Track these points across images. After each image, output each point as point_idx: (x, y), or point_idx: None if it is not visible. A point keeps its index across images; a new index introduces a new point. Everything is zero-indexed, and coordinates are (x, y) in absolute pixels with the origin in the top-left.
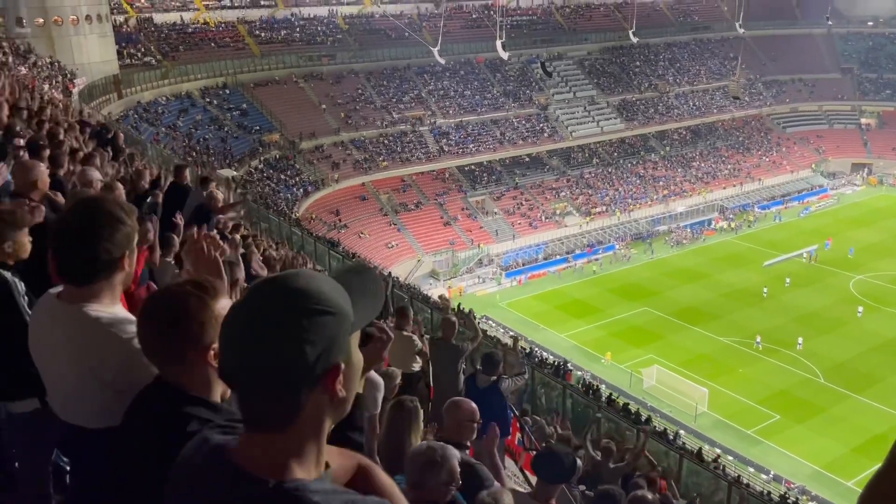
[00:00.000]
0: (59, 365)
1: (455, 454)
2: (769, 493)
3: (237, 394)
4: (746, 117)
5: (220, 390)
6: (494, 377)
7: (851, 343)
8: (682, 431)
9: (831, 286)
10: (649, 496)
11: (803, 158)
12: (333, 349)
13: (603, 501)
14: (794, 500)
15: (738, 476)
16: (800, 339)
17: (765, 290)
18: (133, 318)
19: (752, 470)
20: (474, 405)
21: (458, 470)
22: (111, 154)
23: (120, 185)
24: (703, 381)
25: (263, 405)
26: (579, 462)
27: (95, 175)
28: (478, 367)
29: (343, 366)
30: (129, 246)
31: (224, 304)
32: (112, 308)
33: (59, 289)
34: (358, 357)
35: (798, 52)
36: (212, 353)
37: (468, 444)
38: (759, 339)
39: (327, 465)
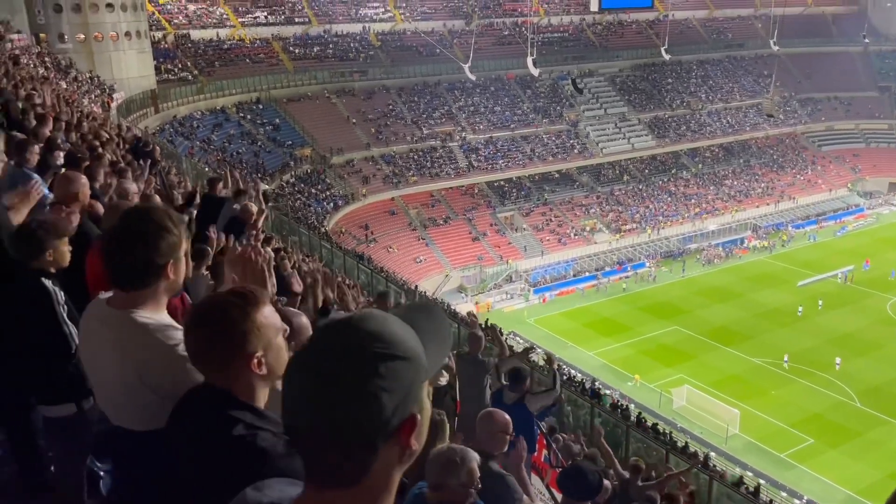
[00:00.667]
0: (107, 368)
1: (475, 457)
2: None
3: (302, 448)
4: (781, 135)
5: (264, 397)
6: (521, 393)
7: (888, 366)
8: (712, 453)
9: (867, 308)
10: None
11: (839, 177)
12: (409, 399)
13: None
14: None
15: (771, 501)
16: (838, 360)
17: (799, 308)
18: (178, 325)
19: (784, 494)
20: (508, 417)
21: (478, 473)
22: (147, 167)
23: (157, 198)
24: (734, 403)
25: (331, 460)
26: (606, 481)
27: (132, 187)
28: (504, 382)
29: (419, 416)
30: (174, 255)
31: (266, 312)
32: (158, 315)
33: (109, 294)
34: (428, 405)
35: (834, 69)
36: (255, 361)
37: (497, 455)
38: (786, 359)
39: None
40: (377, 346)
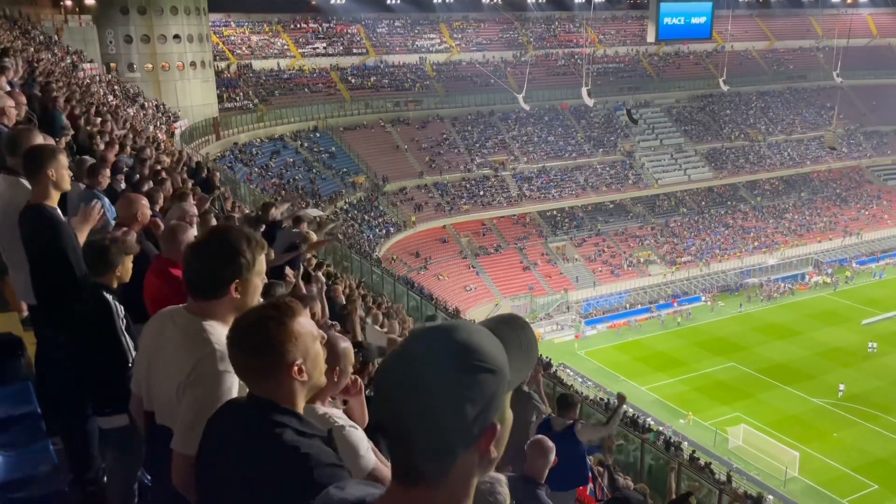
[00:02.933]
0: (166, 364)
1: (501, 479)
2: None
3: (389, 445)
4: (844, 168)
5: (304, 402)
6: (570, 421)
7: None
8: (770, 497)
9: None
10: None
11: None
12: (492, 408)
13: None
14: None
15: None
16: None
17: (871, 345)
18: None
19: None
20: (552, 444)
21: (508, 500)
22: (205, 192)
23: (214, 221)
24: (793, 444)
25: (416, 461)
26: None
27: (191, 210)
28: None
29: (499, 426)
30: (242, 275)
31: (302, 321)
32: (223, 328)
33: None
34: (510, 415)
35: None
36: (296, 368)
37: (545, 484)
38: (842, 388)
39: None
40: (465, 357)
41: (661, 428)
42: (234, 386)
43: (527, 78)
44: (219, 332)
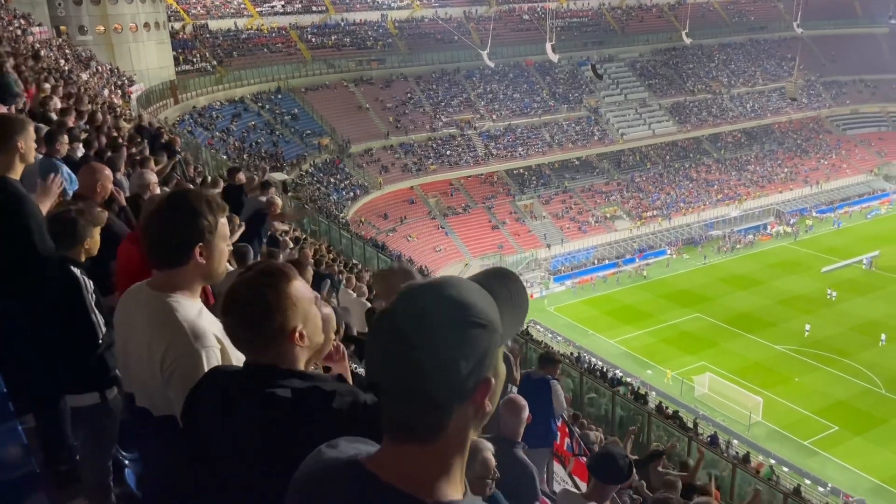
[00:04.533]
0: (139, 346)
1: (487, 447)
2: None
3: (384, 402)
4: (804, 119)
5: (303, 365)
6: (550, 375)
7: None
8: (734, 441)
9: (893, 294)
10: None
11: (864, 161)
12: (485, 363)
13: None
14: None
15: (797, 487)
16: (883, 336)
17: (830, 292)
18: (209, 315)
19: (808, 482)
20: (525, 402)
21: (493, 462)
22: (166, 157)
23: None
24: (757, 390)
25: (412, 417)
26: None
27: (151, 178)
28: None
29: (493, 380)
30: (203, 238)
31: (298, 286)
32: (191, 302)
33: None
34: (503, 369)
35: (859, 51)
36: (297, 334)
37: (521, 442)
38: (808, 328)
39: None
40: (457, 313)
41: (629, 379)
42: (215, 357)
43: (490, 34)
44: (186, 306)
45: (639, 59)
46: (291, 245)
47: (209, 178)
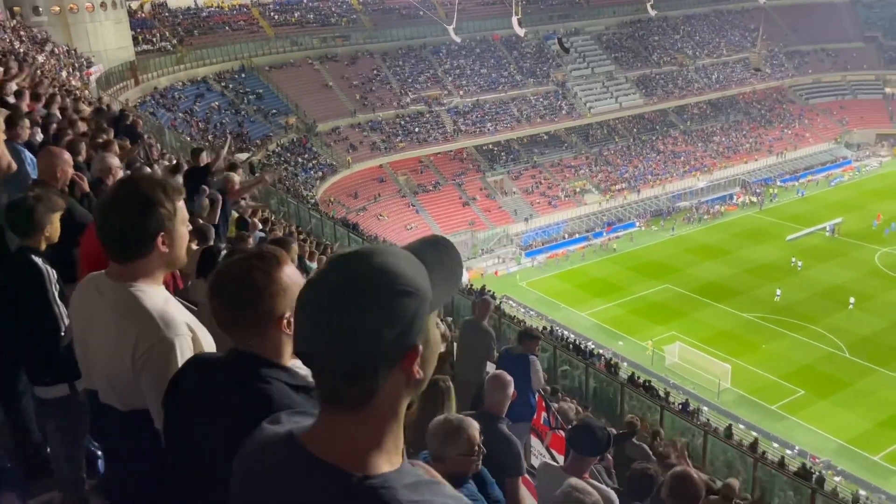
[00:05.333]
0: (101, 340)
1: (473, 424)
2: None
3: (313, 371)
4: (768, 89)
5: (290, 355)
6: (529, 351)
7: (876, 317)
8: (704, 408)
9: (855, 260)
10: (694, 475)
11: (826, 130)
12: (412, 330)
13: (641, 481)
14: (818, 473)
15: (763, 452)
16: (852, 300)
17: (795, 261)
18: (176, 302)
19: (776, 445)
20: (511, 378)
21: (478, 439)
22: (129, 141)
23: (148, 169)
24: (725, 358)
25: (340, 384)
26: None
27: (114, 162)
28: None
29: (421, 347)
30: (164, 226)
31: (289, 272)
32: (154, 290)
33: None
34: (435, 336)
35: (820, 21)
36: (285, 321)
37: (504, 418)
38: (778, 293)
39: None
40: (381, 280)
41: (601, 351)
42: (187, 348)
43: (456, 8)
44: (152, 294)
45: (605, 33)
46: (260, 226)
47: (173, 161)
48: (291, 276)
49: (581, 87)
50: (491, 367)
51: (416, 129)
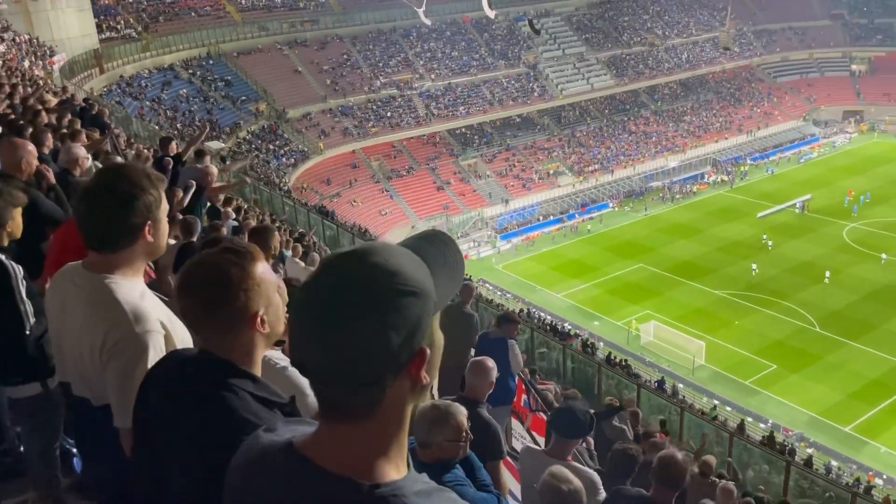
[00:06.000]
0: (76, 332)
1: (460, 410)
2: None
3: (312, 383)
4: (737, 68)
5: (261, 357)
6: (508, 335)
7: (845, 291)
8: (680, 385)
9: (825, 235)
10: (679, 456)
11: (795, 108)
12: (418, 333)
13: (623, 461)
14: (790, 446)
15: (741, 423)
16: (827, 273)
17: (766, 239)
18: (154, 297)
19: (750, 420)
20: (493, 363)
21: (466, 425)
22: (98, 131)
23: (120, 159)
24: (699, 335)
25: (343, 396)
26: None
27: (81, 152)
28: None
29: (428, 351)
30: (151, 215)
31: (262, 268)
32: (133, 283)
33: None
34: (439, 337)
35: None
36: (259, 320)
37: (485, 403)
38: (755, 267)
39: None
40: (384, 282)
41: (577, 331)
42: (159, 344)
43: None
44: (126, 287)
45: (575, 14)
46: (233, 215)
47: (142, 151)
48: (265, 273)
49: (552, 68)
50: (473, 353)
51: (389, 114)
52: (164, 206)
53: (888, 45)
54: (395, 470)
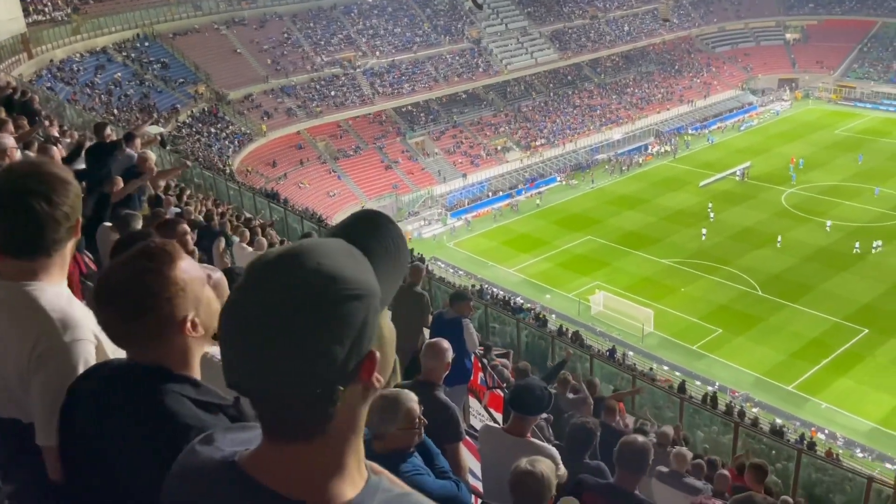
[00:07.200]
0: None
1: (410, 397)
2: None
3: (252, 404)
4: (676, 40)
5: (200, 358)
6: (461, 314)
7: (785, 255)
8: (630, 353)
9: (764, 202)
10: (640, 439)
11: (733, 77)
12: (365, 337)
13: (581, 435)
14: (739, 408)
15: (682, 384)
16: (779, 237)
17: (710, 213)
18: (80, 305)
19: (698, 383)
20: (448, 344)
21: (417, 411)
22: (27, 118)
23: (54, 148)
24: (648, 303)
25: (287, 415)
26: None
27: (9, 142)
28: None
29: (377, 353)
30: (69, 215)
31: (185, 266)
32: (56, 288)
33: None
34: (389, 331)
35: None
36: (189, 324)
37: (442, 385)
38: (704, 232)
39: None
40: (320, 289)
41: (529, 305)
42: (89, 355)
43: None
44: (51, 294)
45: None
46: (175, 202)
47: (73, 139)
48: (189, 271)
49: (496, 43)
50: (427, 333)
51: (333, 93)
52: (80, 204)
53: (820, 14)
54: (352, 485)
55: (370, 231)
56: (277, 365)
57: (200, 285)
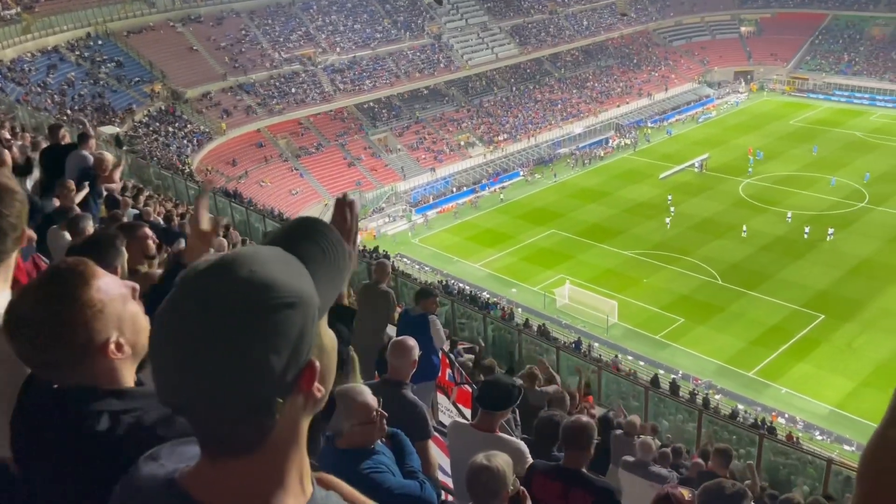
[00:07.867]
0: None
1: (363, 390)
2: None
3: (188, 420)
4: (634, 34)
5: (131, 377)
6: (427, 310)
7: (743, 244)
8: (595, 344)
9: (722, 192)
10: (582, 418)
11: (690, 70)
12: (303, 346)
13: (549, 428)
14: (703, 396)
15: (655, 375)
16: (744, 227)
17: (670, 207)
18: None
19: (662, 372)
20: (414, 342)
21: (374, 404)
22: None
23: (6, 152)
24: (611, 295)
25: (225, 430)
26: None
27: None
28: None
29: (317, 363)
30: (26, 222)
31: (101, 285)
32: (2, 294)
33: None
34: (330, 340)
35: None
36: (112, 347)
37: (409, 383)
38: (670, 217)
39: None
40: (253, 298)
41: (495, 300)
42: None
43: None
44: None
45: None
46: (132, 203)
47: (26, 141)
48: (107, 290)
49: (457, 39)
50: (392, 330)
51: (293, 90)
52: (26, 214)
53: (773, 7)
54: (294, 500)
55: (308, 238)
56: (210, 378)
57: (122, 302)
